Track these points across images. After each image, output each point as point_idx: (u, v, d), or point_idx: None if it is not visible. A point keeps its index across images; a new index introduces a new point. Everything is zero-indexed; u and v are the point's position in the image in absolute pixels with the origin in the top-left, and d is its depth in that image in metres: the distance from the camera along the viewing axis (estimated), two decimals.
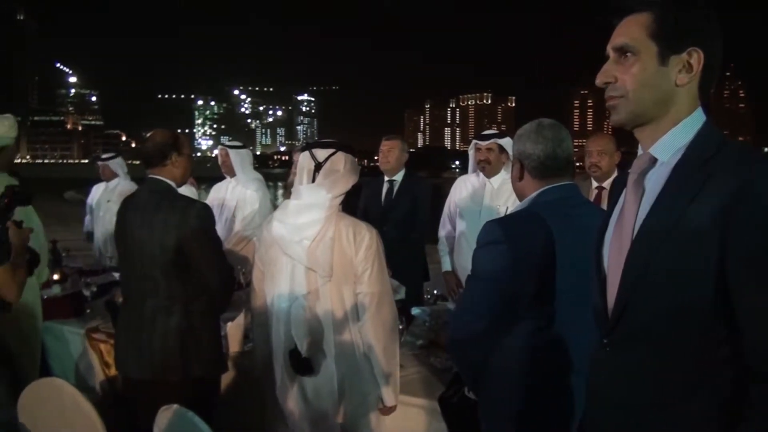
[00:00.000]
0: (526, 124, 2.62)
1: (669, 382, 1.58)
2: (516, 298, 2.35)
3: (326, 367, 2.91)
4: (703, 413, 1.53)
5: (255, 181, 5.82)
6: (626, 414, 1.67)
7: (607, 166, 4.87)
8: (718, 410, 1.51)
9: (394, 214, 5.48)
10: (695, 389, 1.54)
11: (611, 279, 1.71)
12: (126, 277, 3.40)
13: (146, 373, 3.23)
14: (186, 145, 3.45)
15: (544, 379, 2.37)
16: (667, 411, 1.58)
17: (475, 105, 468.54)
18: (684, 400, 1.55)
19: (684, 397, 1.56)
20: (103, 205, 6.68)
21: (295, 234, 2.90)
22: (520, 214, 2.49)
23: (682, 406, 1.56)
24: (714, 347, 1.51)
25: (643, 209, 1.64)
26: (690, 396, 1.55)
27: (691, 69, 1.60)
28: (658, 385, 1.60)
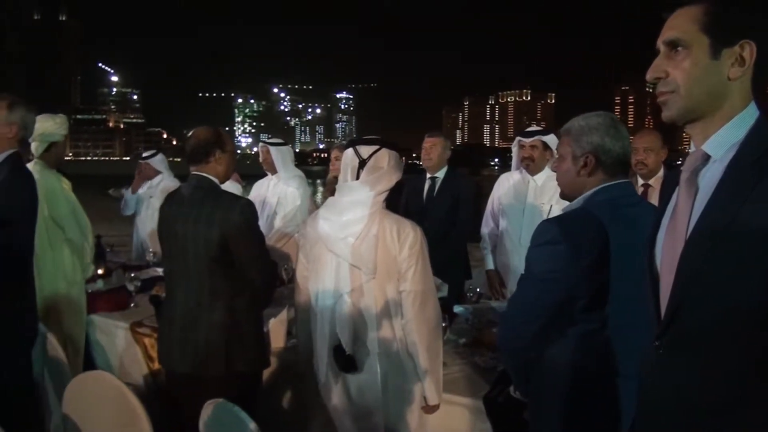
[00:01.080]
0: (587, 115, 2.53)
1: (723, 387, 1.53)
2: (570, 299, 2.30)
3: (370, 364, 2.91)
4: (759, 420, 1.49)
5: (296, 178, 5.84)
6: (679, 419, 1.62)
7: (654, 163, 4.80)
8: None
9: (435, 211, 5.44)
10: (751, 394, 1.49)
11: (664, 280, 1.66)
12: (169, 272, 3.43)
13: (189, 368, 3.26)
14: (229, 142, 3.47)
15: (595, 381, 2.33)
16: (720, 417, 1.53)
17: (515, 102, 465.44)
18: (739, 406, 1.51)
19: (739, 402, 1.51)
20: (146, 201, 6.75)
21: (339, 231, 2.90)
22: (577, 213, 2.41)
23: (736, 412, 1.51)
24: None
25: (697, 208, 1.60)
26: (745, 401, 1.50)
27: (743, 62, 1.56)
28: (711, 389, 1.55)
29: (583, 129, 2.47)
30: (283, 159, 5.86)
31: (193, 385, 3.21)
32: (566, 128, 2.55)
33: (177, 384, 3.40)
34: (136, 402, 2.68)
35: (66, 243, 4.44)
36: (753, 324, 1.47)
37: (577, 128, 2.49)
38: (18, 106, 3.59)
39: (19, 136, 3.62)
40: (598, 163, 2.44)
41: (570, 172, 2.50)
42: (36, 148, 4.45)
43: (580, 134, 2.47)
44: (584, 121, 2.50)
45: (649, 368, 1.73)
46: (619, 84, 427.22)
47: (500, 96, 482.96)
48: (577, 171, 2.47)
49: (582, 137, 2.47)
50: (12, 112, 3.56)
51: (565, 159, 2.52)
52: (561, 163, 2.55)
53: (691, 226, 1.59)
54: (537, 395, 2.49)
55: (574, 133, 2.49)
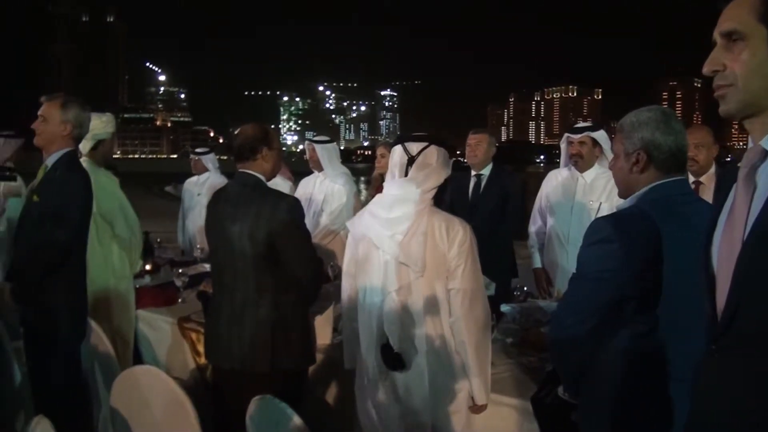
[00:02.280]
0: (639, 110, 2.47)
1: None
2: (622, 300, 2.25)
3: (417, 362, 2.89)
4: None
5: (343, 176, 5.86)
6: (733, 426, 1.56)
7: (705, 159, 4.70)
8: None
9: (481, 208, 5.40)
10: None
11: (721, 281, 1.60)
12: (217, 268, 3.45)
13: (235, 364, 3.28)
14: (276, 139, 3.48)
15: (646, 384, 2.26)
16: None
17: (560, 98, 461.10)
18: None
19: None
20: (194, 198, 6.85)
21: (387, 228, 2.88)
22: (631, 211, 2.34)
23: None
24: None
25: (755, 207, 1.53)
26: None
27: None
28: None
29: (633, 125, 2.41)
30: (329, 156, 5.89)
31: (239, 381, 3.23)
32: (620, 124, 2.49)
33: (223, 379, 3.43)
34: (184, 396, 2.71)
35: (114, 239, 4.51)
36: None
37: (628, 124, 2.43)
38: (72, 105, 3.66)
39: (74, 134, 3.69)
40: (650, 160, 2.37)
41: (623, 169, 2.44)
42: (84, 146, 4.53)
43: (630, 130, 2.41)
44: (635, 116, 2.43)
45: (704, 372, 1.67)
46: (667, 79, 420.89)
47: (546, 92, 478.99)
48: (629, 168, 2.41)
49: (633, 133, 2.40)
50: (66, 111, 3.63)
51: (619, 156, 2.46)
52: (615, 161, 2.50)
53: (749, 226, 1.53)
54: (587, 397, 2.45)
55: (626, 130, 2.43)
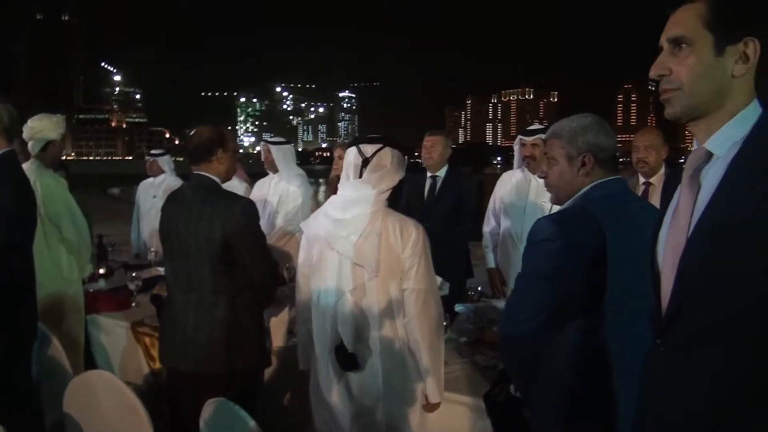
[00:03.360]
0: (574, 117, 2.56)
1: (725, 387, 1.52)
2: (568, 297, 2.31)
3: (371, 363, 2.90)
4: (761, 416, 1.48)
5: (298, 177, 5.85)
6: (679, 418, 1.61)
7: (655, 161, 4.80)
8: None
9: (437, 210, 5.43)
10: (753, 391, 1.49)
11: (665, 278, 1.66)
12: (171, 271, 3.42)
13: (191, 366, 3.26)
14: (231, 141, 3.47)
15: (594, 379, 2.32)
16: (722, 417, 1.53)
17: (517, 100, 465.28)
18: (740, 403, 1.50)
19: (740, 400, 1.50)
20: (149, 201, 6.78)
21: (342, 229, 2.90)
22: (573, 210, 2.43)
23: (738, 413, 1.51)
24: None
25: (699, 206, 1.59)
26: (747, 398, 1.49)
27: (747, 59, 1.55)
28: (713, 389, 1.54)
29: (575, 130, 2.50)
30: (285, 158, 5.86)
31: (194, 384, 3.22)
32: (554, 131, 2.57)
33: (178, 382, 3.40)
34: (137, 401, 2.69)
35: (62, 242, 4.45)
36: (755, 323, 1.47)
37: (569, 130, 2.52)
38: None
39: None
40: (596, 162, 2.46)
41: (566, 173, 2.52)
42: (32, 147, 4.47)
43: (573, 135, 2.50)
44: (574, 122, 2.53)
45: (650, 366, 1.72)
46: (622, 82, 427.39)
47: (502, 94, 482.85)
48: (575, 171, 2.49)
49: (577, 138, 2.49)
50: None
51: (558, 161, 2.53)
52: (553, 167, 2.56)
53: (693, 224, 1.59)
54: (537, 393, 2.50)
55: (567, 135, 2.51)
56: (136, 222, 7.08)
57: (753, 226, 1.44)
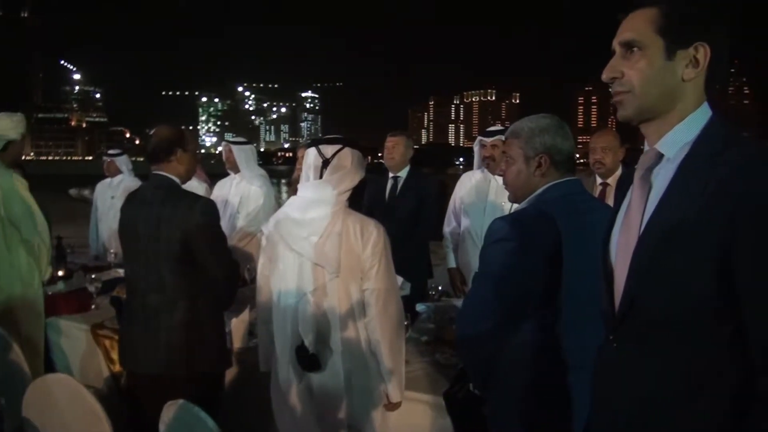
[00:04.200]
0: (533, 117, 2.59)
1: (675, 378, 1.57)
2: (524, 295, 2.35)
3: (332, 363, 2.91)
4: (711, 409, 1.53)
5: (259, 177, 5.82)
6: (633, 411, 1.66)
7: (611, 162, 4.88)
8: (727, 406, 1.51)
9: (398, 210, 5.45)
10: (703, 385, 1.53)
11: (618, 275, 1.71)
12: (130, 272, 3.39)
13: (151, 368, 3.24)
14: (190, 141, 3.45)
15: (551, 375, 2.37)
16: (674, 409, 1.58)
17: (479, 101, 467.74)
18: (691, 397, 1.55)
19: (691, 393, 1.55)
20: (107, 202, 6.72)
21: (302, 230, 2.90)
22: (529, 210, 2.47)
23: (689, 403, 1.55)
24: (721, 342, 1.51)
25: (650, 205, 1.64)
26: (697, 392, 1.54)
27: (697, 64, 1.60)
28: (663, 381, 1.59)
29: (533, 131, 2.54)
30: (246, 158, 5.84)
31: (154, 386, 3.19)
32: (514, 131, 2.60)
33: (139, 385, 3.38)
34: (97, 405, 2.66)
35: (22, 243, 4.39)
36: (704, 317, 1.51)
37: (527, 130, 2.55)
38: None
39: None
40: (552, 163, 2.50)
41: (522, 173, 2.56)
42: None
43: (531, 136, 2.54)
44: (533, 123, 2.56)
45: (603, 361, 1.77)
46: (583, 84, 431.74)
47: (465, 96, 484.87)
48: (531, 172, 2.53)
49: (534, 138, 2.53)
50: None
51: (516, 161, 2.57)
52: (510, 166, 2.60)
53: (644, 223, 1.64)
54: (494, 390, 2.53)
55: (525, 135, 2.55)
56: (95, 223, 7.00)
57: (699, 226, 1.48)
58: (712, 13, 1.61)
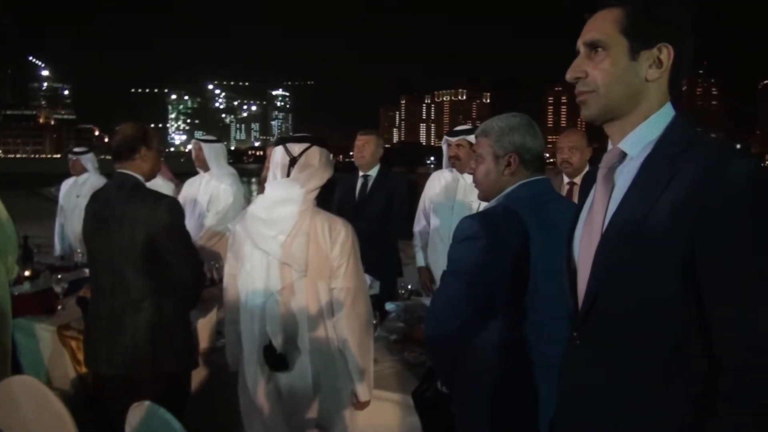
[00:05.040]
0: (504, 117, 2.60)
1: (638, 376, 1.59)
2: (492, 294, 2.35)
3: (300, 362, 2.90)
4: (674, 407, 1.54)
5: (229, 176, 5.77)
6: (597, 409, 1.67)
7: (579, 161, 4.91)
8: (690, 404, 1.52)
9: (368, 209, 5.46)
10: (666, 383, 1.55)
11: (581, 273, 1.72)
12: (95, 272, 3.36)
13: (116, 369, 3.21)
14: (155, 139, 3.43)
15: (517, 373, 2.38)
16: (637, 405, 1.59)
17: (450, 101, 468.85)
18: (654, 394, 1.56)
19: (654, 391, 1.56)
20: (73, 201, 6.62)
21: (269, 229, 2.88)
22: (497, 209, 2.47)
23: (652, 400, 1.57)
24: (685, 340, 1.52)
25: (613, 204, 1.65)
26: (660, 390, 1.55)
27: (661, 64, 1.61)
28: (627, 378, 1.61)
29: (503, 130, 2.54)
30: (216, 156, 5.79)
31: (120, 388, 3.16)
32: (484, 130, 2.60)
33: (104, 387, 3.35)
34: (62, 407, 2.63)
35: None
36: (667, 315, 1.53)
37: (497, 129, 2.55)
38: None
39: None
40: (521, 162, 2.51)
41: (492, 172, 2.57)
42: None
43: (501, 135, 2.54)
44: (503, 122, 2.57)
45: (567, 359, 1.78)
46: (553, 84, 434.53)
47: (436, 95, 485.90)
48: (501, 171, 2.54)
49: (503, 137, 2.54)
50: None
51: (485, 160, 2.58)
52: (480, 164, 2.61)
53: (606, 222, 1.65)
54: (462, 388, 2.54)
55: (495, 134, 2.55)
56: (60, 223, 6.91)
57: (661, 224, 1.49)
58: (675, 14, 1.62)
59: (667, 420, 1.56)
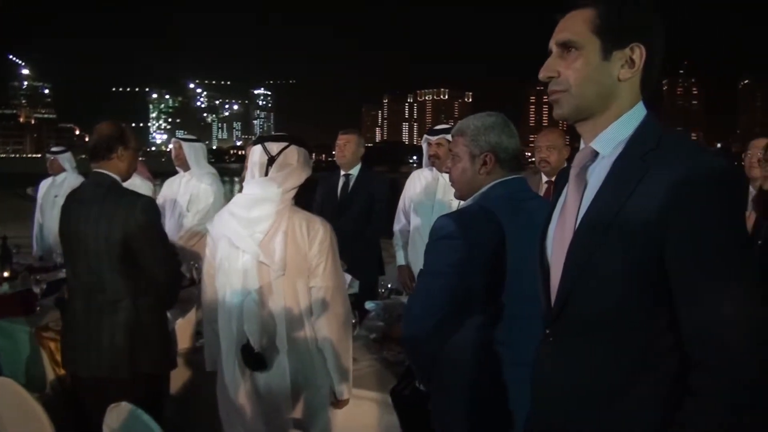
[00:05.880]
0: (480, 116, 2.61)
1: (610, 372, 1.61)
2: (468, 292, 2.36)
3: (279, 362, 2.89)
4: (645, 403, 1.56)
5: (209, 175, 5.75)
6: (571, 405, 1.69)
7: (557, 161, 4.93)
8: (661, 400, 1.54)
9: (349, 208, 5.47)
10: (636, 379, 1.57)
11: (554, 271, 1.73)
12: (72, 273, 3.33)
13: (94, 371, 3.19)
14: (132, 138, 3.40)
15: (494, 371, 2.39)
16: (608, 401, 1.61)
17: (432, 100, 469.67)
18: (625, 391, 1.58)
19: (625, 387, 1.58)
20: (51, 201, 6.57)
21: (247, 228, 2.88)
22: (473, 208, 2.48)
23: (623, 396, 1.59)
24: (656, 336, 1.55)
25: (585, 202, 1.67)
26: (631, 386, 1.57)
27: (633, 64, 1.62)
28: (598, 375, 1.63)
29: (479, 129, 2.55)
30: (196, 155, 5.76)
31: (98, 389, 3.14)
32: (460, 129, 2.61)
33: (82, 388, 3.32)
34: (40, 409, 2.62)
35: None
36: (639, 312, 1.55)
37: (473, 128, 2.57)
38: None
39: None
40: (497, 161, 2.52)
41: (468, 171, 2.58)
42: None
43: (477, 134, 2.55)
44: (479, 121, 2.58)
45: (541, 356, 1.80)
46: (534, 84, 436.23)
47: (418, 94, 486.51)
48: (476, 170, 2.55)
49: (479, 137, 2.55)
50: None
51: (462, 159, 2.59)
52: (456, 163, 2.62)
53: (579, 220, 1.66)
54: (439, 386, 2.55)
55: (471, 133, 2.56)
56: (39, 223, 6.86)
57: (633, 222, 1.51)
58: (647, 14, 1.64)
59: (637, 416, 1.58)
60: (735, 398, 1.43)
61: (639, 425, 1.58)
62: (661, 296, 1.51)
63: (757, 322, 1.44)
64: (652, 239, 1.48)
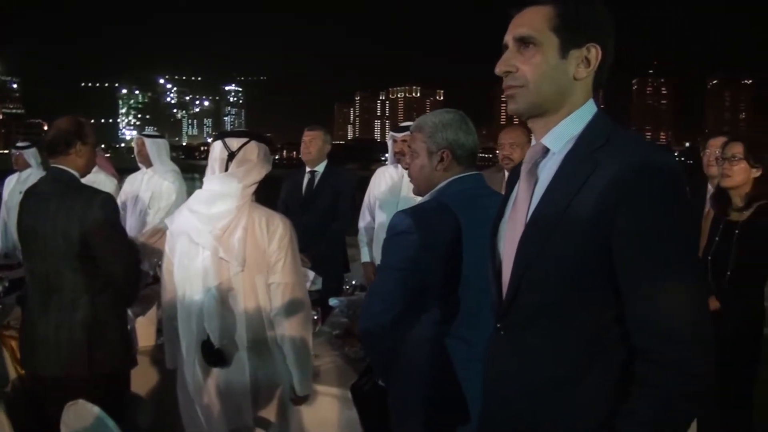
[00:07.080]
0: (438, 112, 2.63)
1: (558, 364, 1.63)
2: (425, 287, 2.38)
3: (238, 358, 2.89)
4: (593, 393, 1.59)
5: (172, 173, 5.66)
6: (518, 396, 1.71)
7: (519, 158, 4.95)
8: (609, 390, 1.57)
9: (314, 204, 5.45)
10: (585, 370, 1.59)
11: (505, 266, 1.75)
12: (29, 270, 3.29)
13: (53, 369, 3.15)
14: (90, 133, 3.36)
15: (450, 366, 2.40)
16: (557, 392, 1.63)
17: (404, 98, 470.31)
18: (574, 382, 1.61)
19: (573, 378, 1.61)
20: (16, 197, 6.48)
21: (207, 224, 2.86)
22: (430, 204, 2.50)
23: (572, 388, 1.61)
24: (604, 328, 1.58)
25: (536, 197, 1.69)
26: (580, 377, 1.60)
27: (588, 64, 1.64)
28: (547, 366, 1.65)
29: (437, 126, 2.57)
30: (159, 152, 5.67)
31: (57, 388, 3.10)
32: (418, 125, 2.63)
33: (41, 387, 3.28)
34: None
35: None
36: (587, 304, 1.58)
37: (430, 125, 2.58)
38: None
39: None
40: (454, 158, 2.54)
41: (425, 167, 2.60)
42: None
43: (434, 131, 2.57)
44: (437, 118, 2.59)
45: (492, 350, 1.82)
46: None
47: (390, 92, 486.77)
48: (434, 166, 2.57)
49: (437, 133, 2.56)
50: None
51: (419, 155, 2.60)
52: (414, 159, 2.63)
53: (529, 215, 1.68)
54: (396, 381, 2.56)
55: (428, 130, 2.58)
56: (3, 219, 6.76)
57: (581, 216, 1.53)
58: (603, 15, 1.66)
59: (586, 406, 1.60)
60: (679, 386, 1.46)
61: (590, 415, 1.60)
62: (608, 289, 1.54)
63: (698, 312, 1.48)
64: (600, 233, 1.51)
